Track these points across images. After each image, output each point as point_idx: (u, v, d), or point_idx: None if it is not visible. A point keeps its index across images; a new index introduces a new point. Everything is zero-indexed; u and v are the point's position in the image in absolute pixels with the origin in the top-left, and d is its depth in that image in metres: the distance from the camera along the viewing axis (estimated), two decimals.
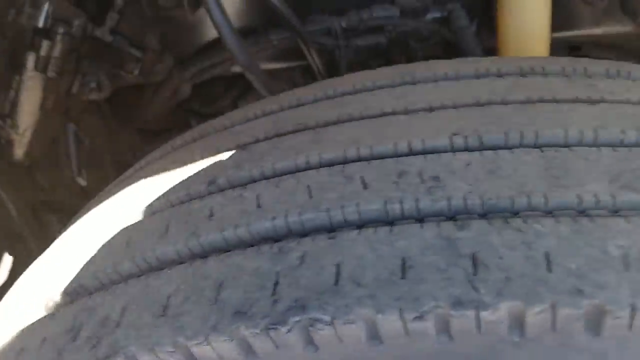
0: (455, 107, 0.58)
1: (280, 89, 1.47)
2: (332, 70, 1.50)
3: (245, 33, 1.45)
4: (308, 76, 1.59)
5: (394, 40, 1.41)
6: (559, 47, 1.56)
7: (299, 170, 0.53)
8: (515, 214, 0.42)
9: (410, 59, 1.43)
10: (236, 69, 1.47)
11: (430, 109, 0.59)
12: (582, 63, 0.66)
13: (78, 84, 1.38)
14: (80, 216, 0.71)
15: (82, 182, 1.48)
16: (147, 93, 1.54)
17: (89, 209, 0.70)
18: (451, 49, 1.41)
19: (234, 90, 1.72)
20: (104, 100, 1.49)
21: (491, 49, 1.38)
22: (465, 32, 1.31)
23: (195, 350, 0.39)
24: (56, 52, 1.23)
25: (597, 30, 1.44)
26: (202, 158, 0.62)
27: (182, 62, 1.49)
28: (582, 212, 0.42)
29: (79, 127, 1.48)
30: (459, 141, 0.51)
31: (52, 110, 1.35)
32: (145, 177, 0.65)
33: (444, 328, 0.36)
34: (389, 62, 1.46)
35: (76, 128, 1.47)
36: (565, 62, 0.67)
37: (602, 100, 0.56)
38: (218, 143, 0.65)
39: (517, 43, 1.28)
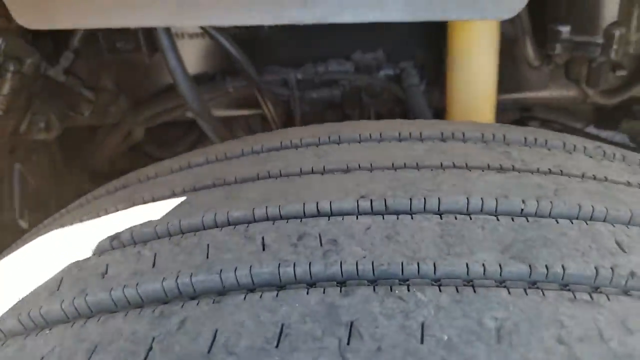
0: (370, 169, 0.58)
1: (232, 136, 1.48)
2: (288, 120, 1.52)
3: (203, 80, 1.47)
4: (266, 124, 1.60)
5: (347, 94, 1.44)
6: (510, 108, 1.62)
7: (205, 227, 0.52)
8: (405, 280, 0.42)
9: (363, 113, 1.46)
10: (191, 114, 1.47)
11: (347, 170, 0.59)
12: (503, 130, 0.67)
13: (27, 122, 1.35)
14: None
15: (24, 224, 1.43)
16: (99, 135, 1.53)
17: (1, 258, 0.67)
18: (403, 106, 1.44)
19: (192, 135, 1.72)
20: (54, 141, 1.47)
21: (442, 108, 1.42)
22: (414, 90, 1.34)
23: None
24: (5, 89, 1.21)
25: (544, 94, 1.49)
26: (115, 211, 0.61)
27: (137, 105, 1.49)
28: (469, 282, 0.41)
29: (25, 167, 1.44)
30: (364, 204, 0.51)
31: None
32: (58, 228, 0.63)
33: None
34: (343, 115, 1.49)
35: (22, 168, 1.43)
36: (487, 128, 0.68)
37: (512, 169, 0.57)
38: (135, 195, 0.63)
39: (464, 103, 1.32)
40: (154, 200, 0.61)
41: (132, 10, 0.93)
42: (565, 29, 1.16)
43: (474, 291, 0.40)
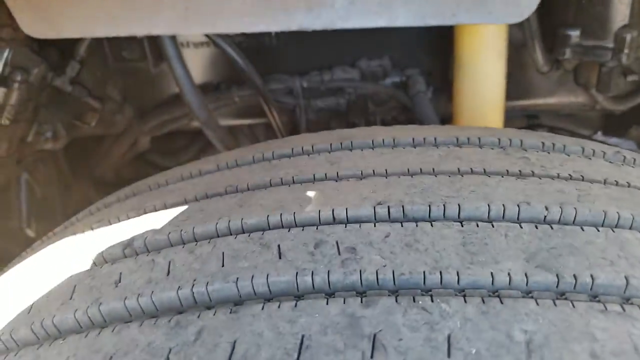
0: (385, 175, 0.57)
1: (237, 145, 1.47)
2: (293, 129, 1.51)
3: (208, 89, 1.46)
4: (271, 133, 1.59)
5: (353, 103, 1.43)
6: (517, 116, 1.61)
7: (219, 235, 0.51)
8: (428, 290, 0.41)
9: (368, 121, 1.45)
10: (196, 123, 1.46)
11: (361, 176, 0.58)
12: (520, 135, 0.66)
13: (34, 132, 1.35)
14: (3, 273, 0.67)
15: (31, 233, 1.42)
16: (105, 144, 1.52)
17: (12, 267, 0.66)
18: (408, 113, 1.43)
19: (196, 144, 1.71)
20: (60, 150, 1.47)
21: (449, 116, 1.41)
22: (421, 97, 1.33)
23: None
24: (12, 100, 1.20)
25: (552, 100, 1.48)
26: (127, 218, 0.60)
27: (143, 114, 1.48)
28: (495, 292, 0.40)
29: (32, 177, 1.43)
30: (382, 211, 0.49)
31: (5, 158, 1.31)
32: (70, 235, 0.62)
33: None
34: (348, 124, 1.48)
35: (29, 177, 1.43)
36: (503, 133, 0.67)
37: (532, 174, 0.56)
38: (146, 203, 0.62)
39: (472, 110, 1.31)
40: (165, 207, 0.59)
41: (138, 18, 0.93)
42: (574, 33, 1.15)
43: (501, 302, 0.38)
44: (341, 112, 1.47)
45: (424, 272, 0.41)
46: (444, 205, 0.49)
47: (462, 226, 0.46)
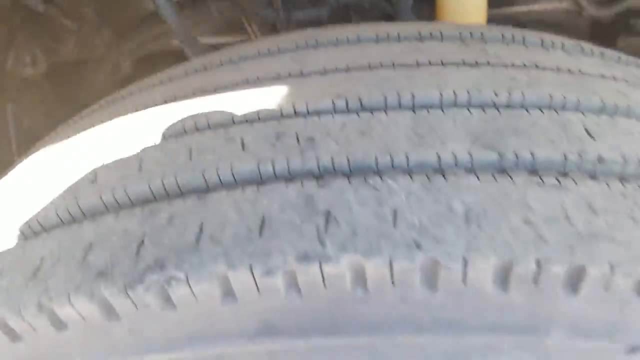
0: (347, 70, 0.59)
1: None
2: None
3: (184, 3, 1.43)
4: None
5: (335, 13, 1.40)
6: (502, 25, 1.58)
7: (187, 132, 0.54)
8: (379, 173, 0.44)
9: None
10: (177, 42, 1.44)
11: (324, 72, 0.59)
12: (480, 29, 0.67)
13: (12, 58, 1.34)
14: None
15: None
16: (88, 70, 1.51)
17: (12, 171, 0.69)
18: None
19: None
20: (44, 79, 1.46)
21: None
22: (404, 4, 1.31)
23: (59, 311, 0.40)
24: None
25: (536, 7, 1.45)
26: (101, 123, 0.62)
27: (121, 35, 1.46)
28: (441, 171, 0.43)
29: (18, 107, 1.43)
30: (340, 103, 0.52)
31: None
32: (50, 144, 0.65)
33: (292, 283, 0.38)
34: None
35: (15, 107, 1.43)
36: (465, 28, 0.68)
37: (487, 64, 0.58)
38: (120, 108, 0.64)
39: (454, 17, 1.29)
40: (136, 111, 0.62)
41: None
42: None
43: (445, 179, 0.41)
44: (323, 24, 1.45)
45: (375, 156, 0.44)
46: (398, 94, 0.51)
47: (415, 113, 0.49)
